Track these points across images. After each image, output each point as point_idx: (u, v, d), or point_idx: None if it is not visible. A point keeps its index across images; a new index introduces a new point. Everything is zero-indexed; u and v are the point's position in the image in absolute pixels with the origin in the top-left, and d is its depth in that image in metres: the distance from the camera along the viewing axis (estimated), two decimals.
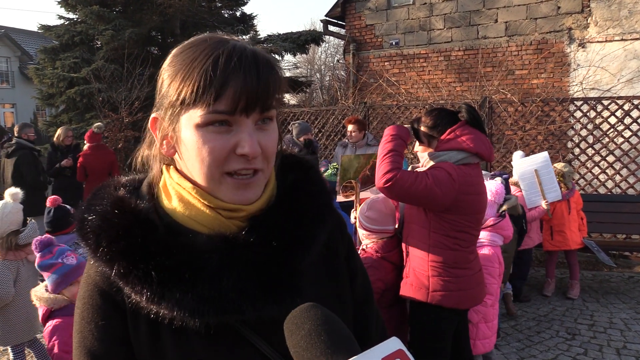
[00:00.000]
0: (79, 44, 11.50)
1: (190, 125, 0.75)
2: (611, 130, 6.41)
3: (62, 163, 6.48)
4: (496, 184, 3.39)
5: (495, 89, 7.60)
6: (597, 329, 4.32)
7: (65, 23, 12.03)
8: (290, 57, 15.72)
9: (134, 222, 0.77)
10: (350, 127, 5.31)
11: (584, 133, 6.62)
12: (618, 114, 6.37)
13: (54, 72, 11.15)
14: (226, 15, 13.11)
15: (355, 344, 0.62)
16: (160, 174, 0.84)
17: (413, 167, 2.62)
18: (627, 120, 6.33)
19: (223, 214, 0.78)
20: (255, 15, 13.44)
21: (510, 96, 7.12)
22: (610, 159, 6.51)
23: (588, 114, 6.54)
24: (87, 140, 6.57)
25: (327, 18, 10.98)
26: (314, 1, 62.84)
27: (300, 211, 0.84)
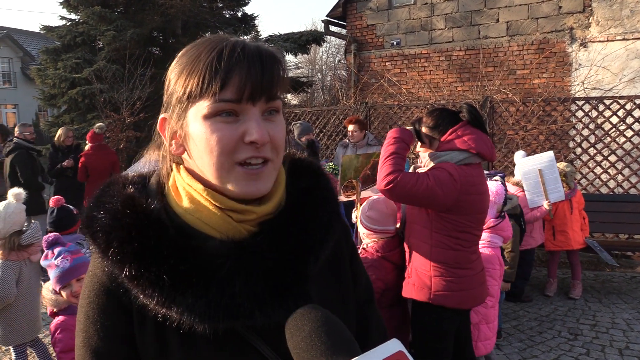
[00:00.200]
0: (81, 44, 11.53)
1: (198, 118, 0.75)
2: (613, 129, 6.40)
3: (64, 164, 6.49)
4: (496, 184, 3.37)
5: (497, 89, 7.59)
6: (600, 329, 4.31)
7: (67, 24, 12.06)
8: (291, 58, 15.70)
9: (146, 223, 0.76)
10: (350, 127, 5.32)
11: (585, 133, 6.61)
12: (620, 113, 6.36)
13: (55, 73, 11.17)
14: (227, 15, 13.12)
15: (356, 345, 0.62)
16: (170, 172, 0.83)
17: (415, 167, 2.62)
18: (629, 120, 6.32)
19: (234, 216, 0.78)
20: (257, 16, 13.45)
21: (512, 96, 7.11)
22: (612, 158, 6.50)
23: (590, 114, 6.53)
24: (89, 141, 6.57)
25: (329, 18, 10.98)
26: (315, 1, 62.89)
27: (311, 217, 0.84)
